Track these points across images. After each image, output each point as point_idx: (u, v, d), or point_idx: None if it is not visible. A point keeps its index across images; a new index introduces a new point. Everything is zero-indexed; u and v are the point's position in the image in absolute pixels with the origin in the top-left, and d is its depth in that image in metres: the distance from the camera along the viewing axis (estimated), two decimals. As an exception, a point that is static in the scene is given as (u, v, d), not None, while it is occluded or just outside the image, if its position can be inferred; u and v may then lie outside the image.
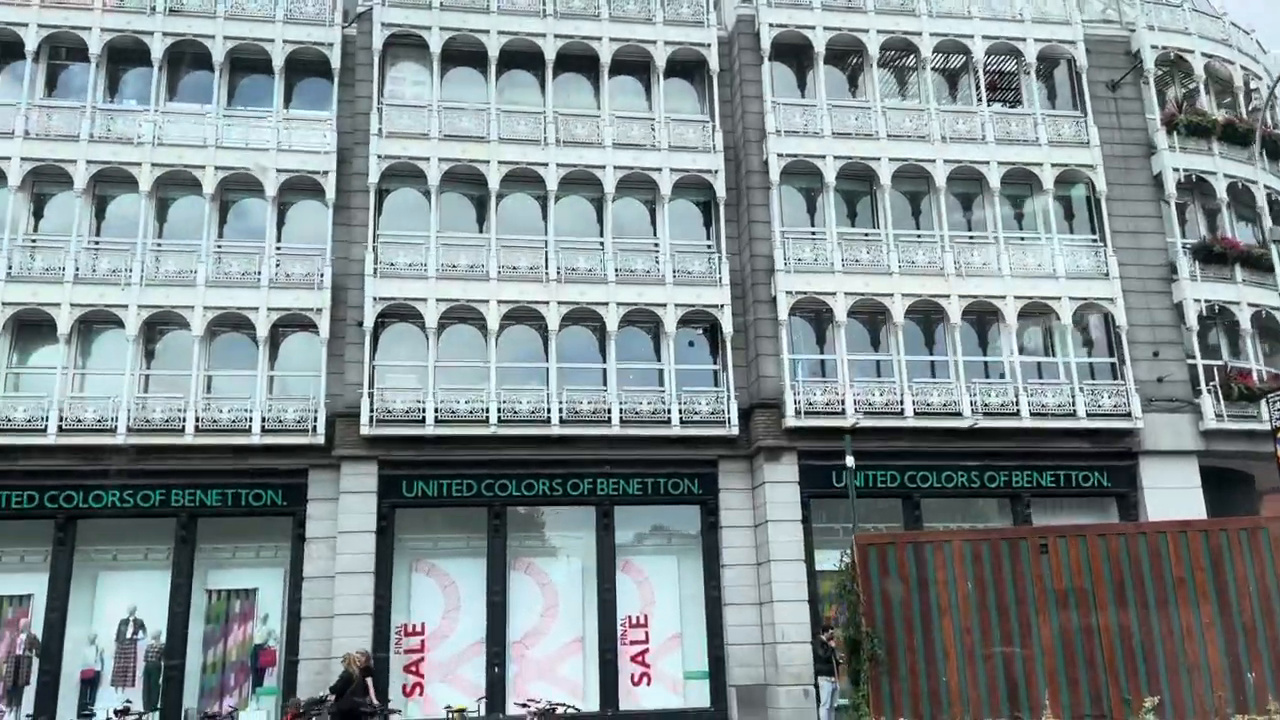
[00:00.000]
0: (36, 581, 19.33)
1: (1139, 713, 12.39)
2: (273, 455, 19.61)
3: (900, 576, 13.71)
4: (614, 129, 21.55)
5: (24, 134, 20.18)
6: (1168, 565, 13.26)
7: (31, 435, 18.77)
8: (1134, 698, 12.64)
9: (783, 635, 18.96)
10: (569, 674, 19.80)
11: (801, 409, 19.71)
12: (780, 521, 19.48)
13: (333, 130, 21.20)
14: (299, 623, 19.24)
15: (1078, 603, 13.33)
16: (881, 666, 13.44)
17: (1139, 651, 13.17)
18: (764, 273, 20.80)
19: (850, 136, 21.73)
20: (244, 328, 20.46)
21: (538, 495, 20.11)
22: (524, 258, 20.76)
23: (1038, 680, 12.97)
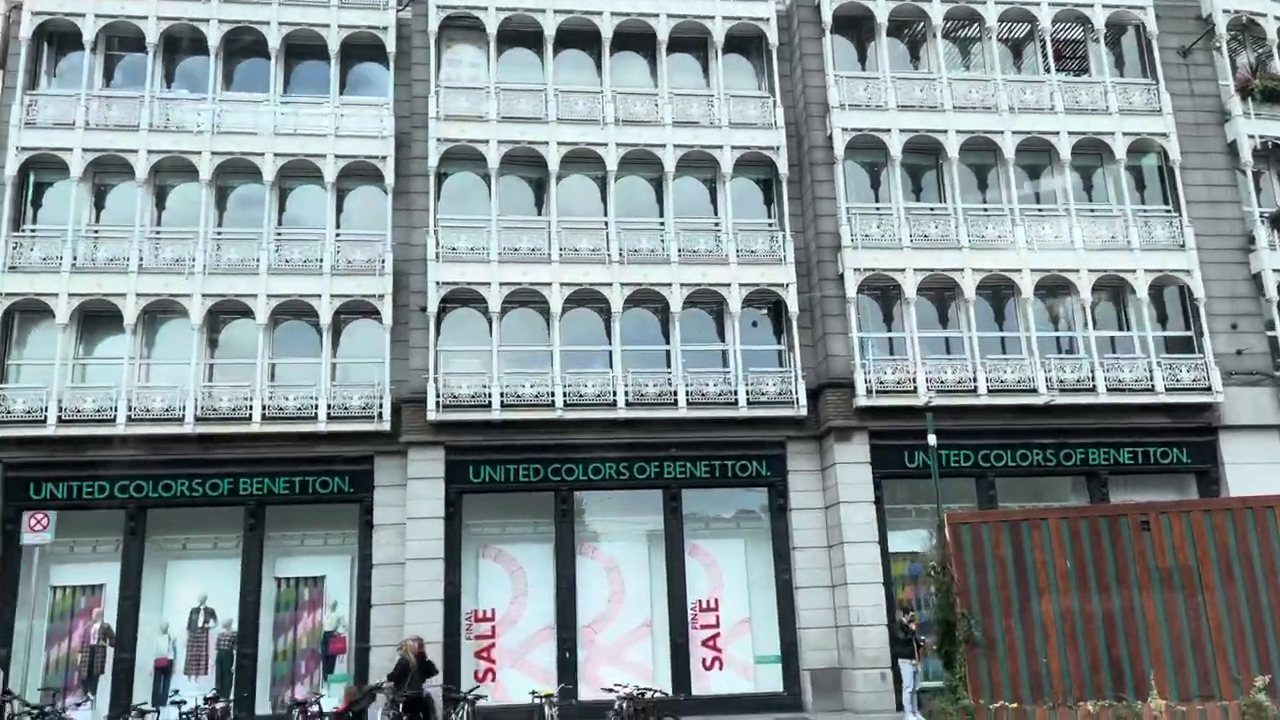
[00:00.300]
0: (108, 571, 19.44)
1: (1249, 692, 12.01)
2: (338, 443, 19.57)
3: (995, 556, 13.35)
4: (673, 107, 21.22)
5: (84, 125, 20.10)
6: (1276, 540, 12.77)
7: (101, 426, 18.81)
8: (1243, 677, 12.23)
9: (858, 618, 18.64)
10: (638, 658, 19.60)
11: (873, 388, 19.35)
12: (853, 503, 19.15)
13: (390, 115, 21.05)
14: (369, 610, 19.20)
15: (1182, 580, 12.89)
16: (979, 648, 13.11)
17: (1248, 629, 12.72)
18: (830, 250, 20.40)
19: (915, 109, 21.24)
20: (306, 315, 20.35)
21: (604, 479, 19.91)
22: (585, 239, 20.53)
23: (1143, 660, 12.58)
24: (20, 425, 18.70)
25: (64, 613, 19.41)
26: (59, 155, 19.99)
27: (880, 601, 18.83)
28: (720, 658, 19.65)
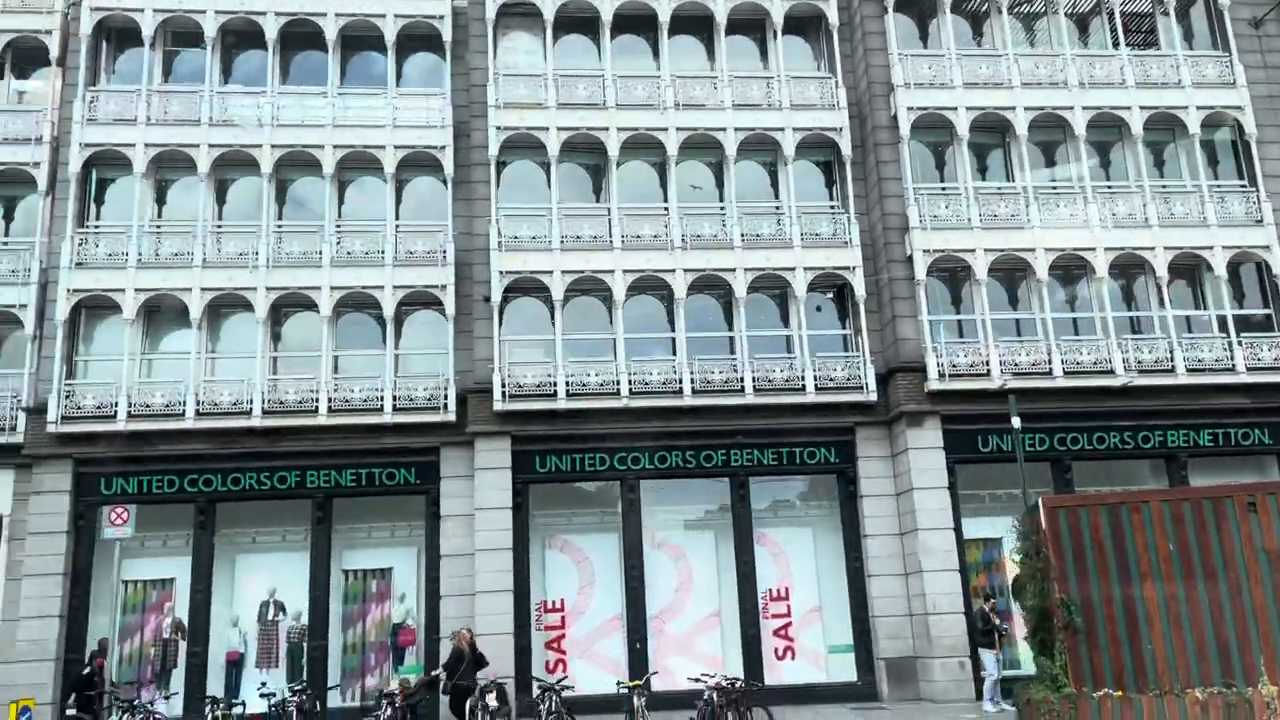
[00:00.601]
0: (178, 565, 19.55)
1: (1362, 676, 11.57)
2: (404, 434, 19.50)
3: (1094, 540, 13.02)
4: (732, 90, 20.91)
5: (145, 120, 20.14)
6: (1389, 520, 12.29)
7: (170, 420, 18.91)
8: (1356, 661, 11.88)
9: (934, 606, 18.31)
10: (708, 648, 19.43)
11: (945, 371, 18.96)
12: (926, 489, 18.81)
13: (448, 105, 20.91)
14: (438, 601, 19.15)
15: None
16: (1079, 635, 12.78)
17: (1364, 612, 12.30)
18: (897, 231, 20.03)
19: (982, 86, 20.79)
20: (367, 307, 20.30)
21: (671, 468, 19.71)
22: (646, 226, 20.31)
23: (1252, 645, 12.18)
24: (91, 421, 18.79)
25: (136, 607, 19.55)
26: (121, 151, 20.05)
27: (956, 589, 18.49)
28: (792, 647, 19.42)
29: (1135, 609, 12.65)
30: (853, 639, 19.45)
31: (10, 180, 20.66)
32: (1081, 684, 12.67)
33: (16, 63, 21.66)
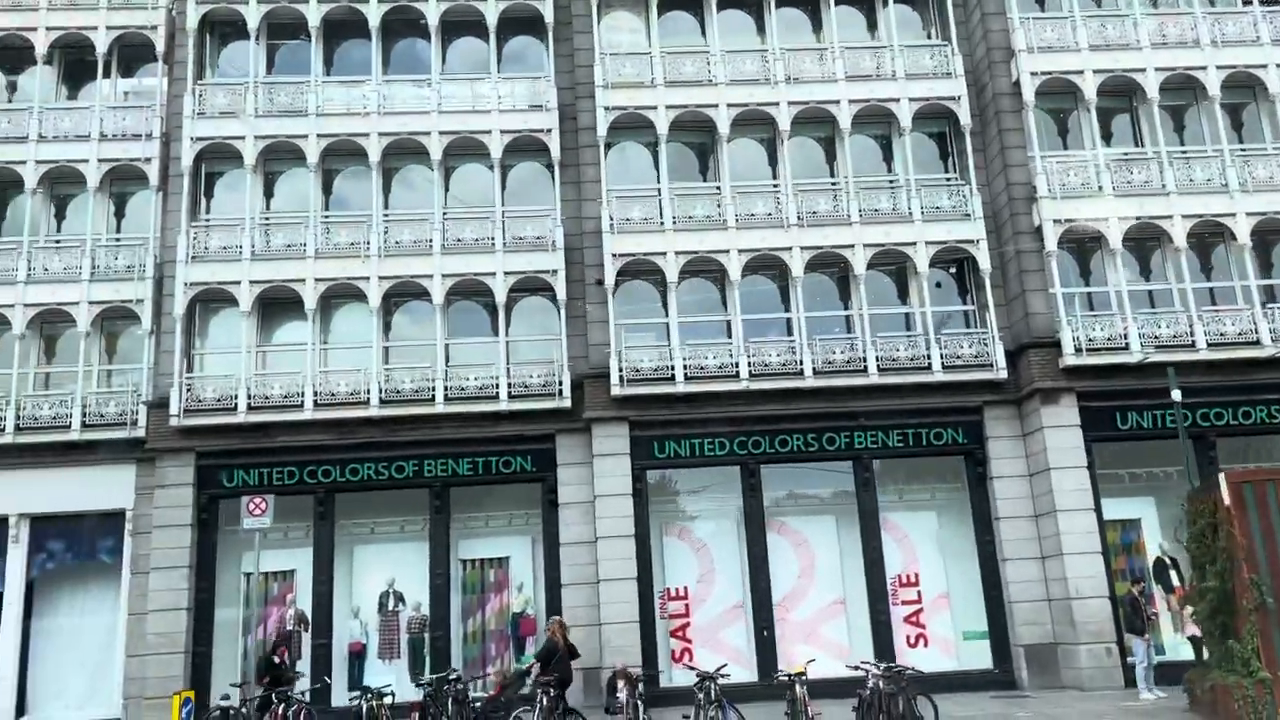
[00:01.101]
0: (299, 557, 19.54)
1: None
2: (519, 421, 19.30)
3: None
4: (844, 61, 20.24)
5: (254, 113, 20.13)
6: None
7: (288, 411, 18.90)
8: None
9: (1076, 590, 17.60)
10: (833, 636, 18.99)
11: (1081, 346, 18.15)
12: (1064, 469, 18.09)
13: (552, 87, 20.60)
14: (559, 590, 18.91)
15: None
16: (1272, 616, 12.07)
17: None
18: (1023, 201, 19.29)
19: (1108, 49, 19.92)
20: (476, 294, 20.09)
21: (792, 452, 19.24)
22: (759, 204, 19.82)
23: None
24: (212, 414, 18.85)
25: (257, 600, 19.47)
26: (231, 144, 20.09)
27: (1099, 572, 17.78)
28: (924, 634, 18.84)
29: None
30: (987, 625, 18.73)
31: (122, 176, 20.81)
32: (1276, 668, 11.99)
33: (122, 60, 21.71)
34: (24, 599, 19.15)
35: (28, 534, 19.30)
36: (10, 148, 20.44)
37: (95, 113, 20.81)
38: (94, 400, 19.51)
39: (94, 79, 21.56)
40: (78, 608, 19.52)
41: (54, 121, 20.81)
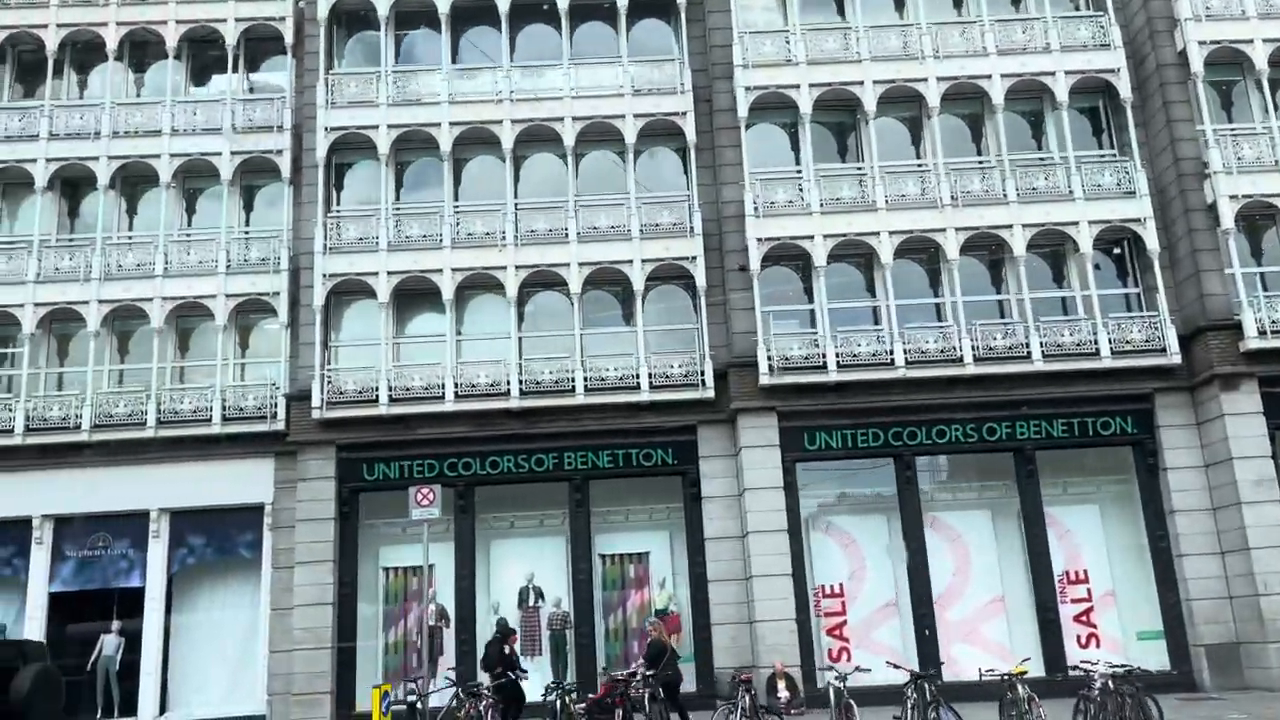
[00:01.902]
0: (438, 552, 19.07)
1: None
2: (660, 413, 18.94)
3: None
4: (994, 34, 19.47)
5: (387, 102, 20.24)
6: None
7: (429, 403, 18.72)
8: None
9: (1264, 586, 16.64)
10: (994, 635, 18.26)
11: (1265, 328, 17.16)
12: (1247, 458, 17.14)
13: (686, 69, 20.16)
14: (705, 585, 18.49)
15: None
16: None
17: None
18: (1193, 178, 18.37)
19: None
20: (612, 283, 19.69)
21: (950, 443, 18.56)
22: (909, 184, 19.14)
23: None
24: (353, 406, 18.72)
25: (397, 594, 19.35)
26: (364, 134, 19.99)
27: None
28: (1096, 634, 17.91)
29: None
30: (1162, 624, 17.80)
31: (253, 169, 20.79)
32: None
33: (249, 53, 21.69)
34: (165, 594, 19.07)
35: (168, 529, 19.39)
36: (144, 141, 20.42)
37: (227, 105, 20.85)
38: (232, 394, 19.40)
39: (222, 72, 21.55)
40: (218, 603, 19.54)
41: (185, 115, 20.87)
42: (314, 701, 17.75)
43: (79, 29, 21.12)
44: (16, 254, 20.05)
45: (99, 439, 19.07)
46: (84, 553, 19.39)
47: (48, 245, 20.20)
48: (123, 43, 21.10)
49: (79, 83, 21.88)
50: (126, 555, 19.38)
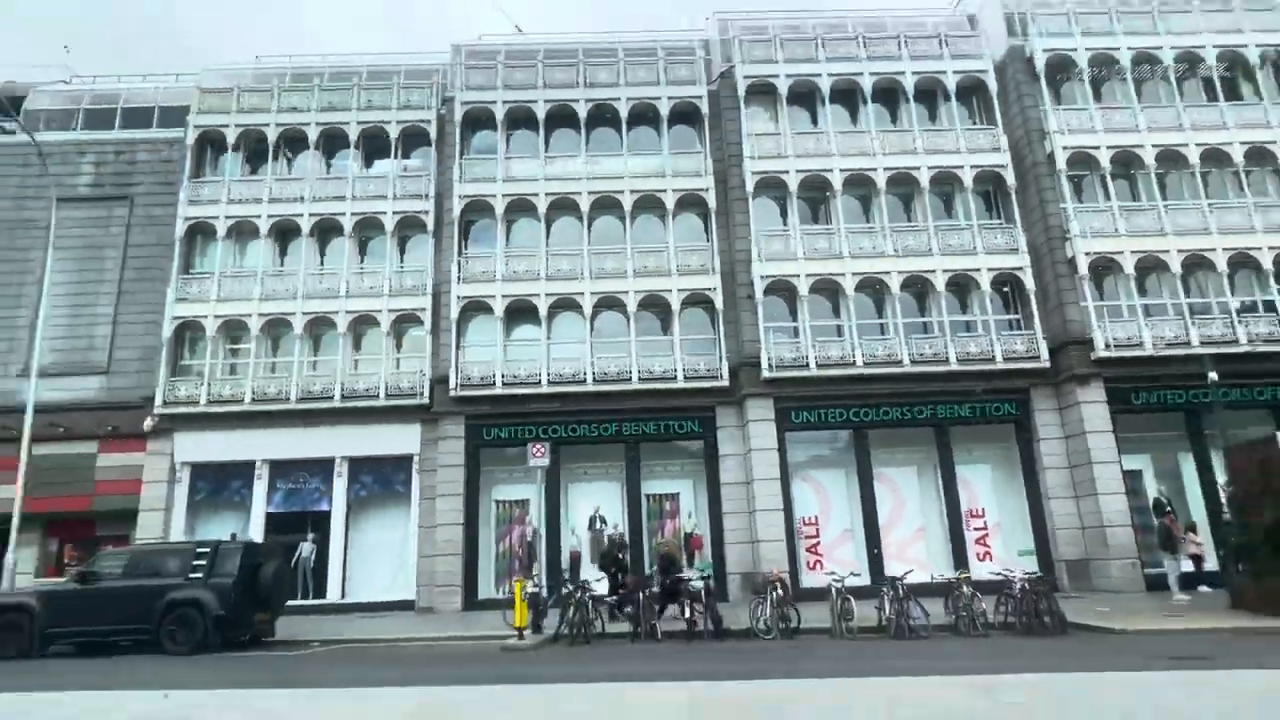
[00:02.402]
0: (531, 490, 19.82)
1: None
2: (689, 397, 19.84)
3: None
4: (922, 139, 20.68)
5: (501, 179, 21.10)
6: None
7: (530, 386, 19.64)
8: None
9: (1107, 520, 17.68)
10: (918, 554, 18.96)
11: (1110, 344, 18.23)
12: (1097, 432, 18.45)
13: (708, 159, 21.32)
14: (721, 517, 19.26)
15: None
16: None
17: None
18: (1058, 240, 19.55)
19: (1117, 131, 20.01)
20: (656, 306, 20.68)
21: (892, 420, 19.58)
22: (865, 241, 20.31)
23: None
24: (478, 388, 19.57)
25: (504, 520, 20.13)
26: (486, 200, 21.16)
27: (1125, 507, 17.68)
28: (990, 552, 18.82)
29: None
30: (1034, 545, 18.74)
31: (406, 224, 21.61)
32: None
33: (404, 143, 22.60)
34: (345, 516, 19.84)
35: (347, 470, 20.14)
36: (332, 205, 21.34)
37: (390, 180, 21.73)
38: (392, 378, 20.22)
39: (385, 157, 22.40)
40: (380, 523, 20.25)
41: (362, 186, 21.70)
42: (451, 590, 18.59)
43: (289, 126, 22.00)
44: (244, 281, 20.87)
45: (301, 408, 19.84)
46: (289, 486, 20.15)
47: (267, 274, 20.96)
48: (320, 136, 22.00)
49: (288, 163, 22.68)
50: (319, 488, 20.13)
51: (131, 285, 22.05)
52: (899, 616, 12.04)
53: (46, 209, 22.06)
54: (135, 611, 12.09)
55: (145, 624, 12.08)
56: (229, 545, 12.95)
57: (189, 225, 21.37)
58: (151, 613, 12.08)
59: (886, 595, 12.57)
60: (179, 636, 12.00)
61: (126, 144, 23.22)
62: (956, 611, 12.42)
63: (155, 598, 12.15)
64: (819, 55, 21.24)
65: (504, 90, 21.73)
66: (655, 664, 9.75)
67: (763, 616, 12.52)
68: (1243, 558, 13.55)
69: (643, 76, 21.90)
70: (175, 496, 19.90)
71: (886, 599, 12.56)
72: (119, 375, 21.24)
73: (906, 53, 21.16)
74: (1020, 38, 20.87)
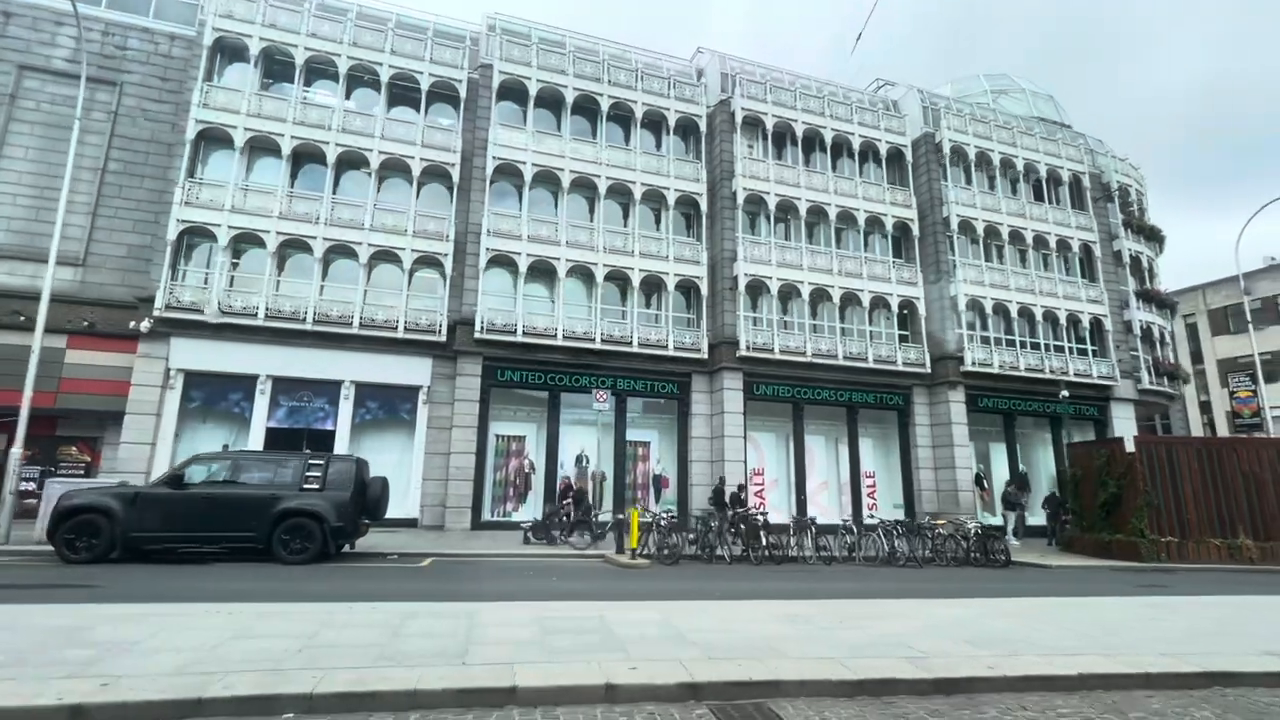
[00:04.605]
0: (527, 429, 19.45)
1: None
2: (673, 364, 20.60)
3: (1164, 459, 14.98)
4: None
5: (529, 148, 19.32)
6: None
7: (544, 338, 19.16)
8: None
9: (961, 486, 20.34)
10: (826, 502, 21.30)
11: (975, 361, 21.03)
12: (958, 424, 21.37)
13: (703, 168, 21.35)
14: (688, 464, 20.01)
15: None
16: (1151, 510, 14.64)
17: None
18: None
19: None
20: (657, 285, 20.42)
21: (820, 400, 21.43)
22: (819, 259, 21.17)
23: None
24: (498, 333, 18.83)
25: (503, 452, 19.12)
26: (516, 165, 19.48)
27: (970, 479, 20.52)
28: (875, 502, 21.16)
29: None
30: (903, 500, 21.35)
31: (429, 173, 19.55)
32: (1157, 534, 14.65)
33: (428, 98, 19.97)
34: (349, 437, 17.70)
35: (354, 394, 18.14)
36: (359, 139, 18.85)
37: (420, 127, 19.32)
38: (410, 314, 18.14)
39: (405, 104, 20.14)
40: (382, 446, 18.64)
41: (390, 128, 19.22)
42: (461, 511, 17.65)
43: (318, 53, 18.76)
44: (259, 195, 17.80)
45: (317, 329, 17.38)
46: (292, 404, 17.58)
47: (293, 196, 17.82)
48: (349, 70, 18.94)
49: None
50: (323, 408, 18.01)
51: (116, 178, 17.73)
52: (888, 549, 13.19)
53: (6, 74, 16.79)
54: (242, 520, 9.90)
55: (252, 532, 9.93)
56: (344, 458, 10.97)
57: (200, 129, 17.23)
58: (262, 521, 9.96)
59: (844, 532, 13.56)
60: (295, 545, 10.00)
61: (117, 27, 18.20)
62: (927, 546, 13.81)
63: (267, 506, 10.04)
64: (796, 104, 22.00)
65: (538, 70, 20.15)
66: (745, 580, 10.06)
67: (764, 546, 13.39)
68: (1076, 519, 16.36)
69: (656, 88, 21.40)
70: (165, 402, 16.21)
71: (842, 532, 13.55)
72: (97, 270, 17.10)
73: (833, 114, 22.59)
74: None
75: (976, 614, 7.02)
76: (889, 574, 11.45)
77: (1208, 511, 14.24)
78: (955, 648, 5.39)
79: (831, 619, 6.43)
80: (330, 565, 10.45)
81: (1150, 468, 14.67)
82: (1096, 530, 15.57)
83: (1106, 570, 12.99)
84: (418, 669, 4.27)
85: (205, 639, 4.95)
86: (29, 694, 3.71)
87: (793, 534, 13.63)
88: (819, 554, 13.46)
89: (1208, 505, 14.29)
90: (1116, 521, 15.06)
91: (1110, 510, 15.16)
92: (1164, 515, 14.26)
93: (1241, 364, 38.62)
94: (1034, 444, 23.65)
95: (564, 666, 4.41)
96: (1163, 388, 24.69)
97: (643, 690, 4.11)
